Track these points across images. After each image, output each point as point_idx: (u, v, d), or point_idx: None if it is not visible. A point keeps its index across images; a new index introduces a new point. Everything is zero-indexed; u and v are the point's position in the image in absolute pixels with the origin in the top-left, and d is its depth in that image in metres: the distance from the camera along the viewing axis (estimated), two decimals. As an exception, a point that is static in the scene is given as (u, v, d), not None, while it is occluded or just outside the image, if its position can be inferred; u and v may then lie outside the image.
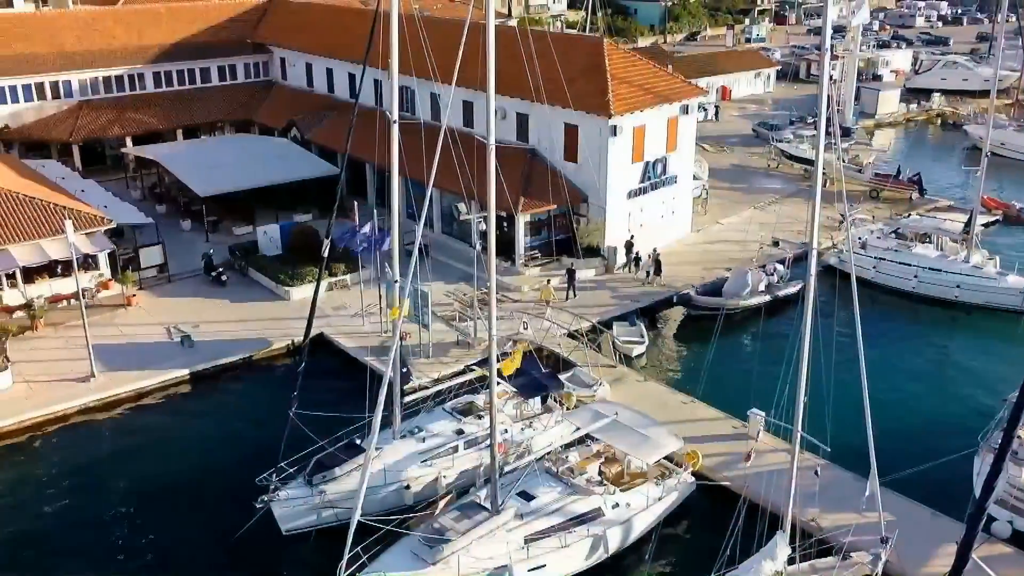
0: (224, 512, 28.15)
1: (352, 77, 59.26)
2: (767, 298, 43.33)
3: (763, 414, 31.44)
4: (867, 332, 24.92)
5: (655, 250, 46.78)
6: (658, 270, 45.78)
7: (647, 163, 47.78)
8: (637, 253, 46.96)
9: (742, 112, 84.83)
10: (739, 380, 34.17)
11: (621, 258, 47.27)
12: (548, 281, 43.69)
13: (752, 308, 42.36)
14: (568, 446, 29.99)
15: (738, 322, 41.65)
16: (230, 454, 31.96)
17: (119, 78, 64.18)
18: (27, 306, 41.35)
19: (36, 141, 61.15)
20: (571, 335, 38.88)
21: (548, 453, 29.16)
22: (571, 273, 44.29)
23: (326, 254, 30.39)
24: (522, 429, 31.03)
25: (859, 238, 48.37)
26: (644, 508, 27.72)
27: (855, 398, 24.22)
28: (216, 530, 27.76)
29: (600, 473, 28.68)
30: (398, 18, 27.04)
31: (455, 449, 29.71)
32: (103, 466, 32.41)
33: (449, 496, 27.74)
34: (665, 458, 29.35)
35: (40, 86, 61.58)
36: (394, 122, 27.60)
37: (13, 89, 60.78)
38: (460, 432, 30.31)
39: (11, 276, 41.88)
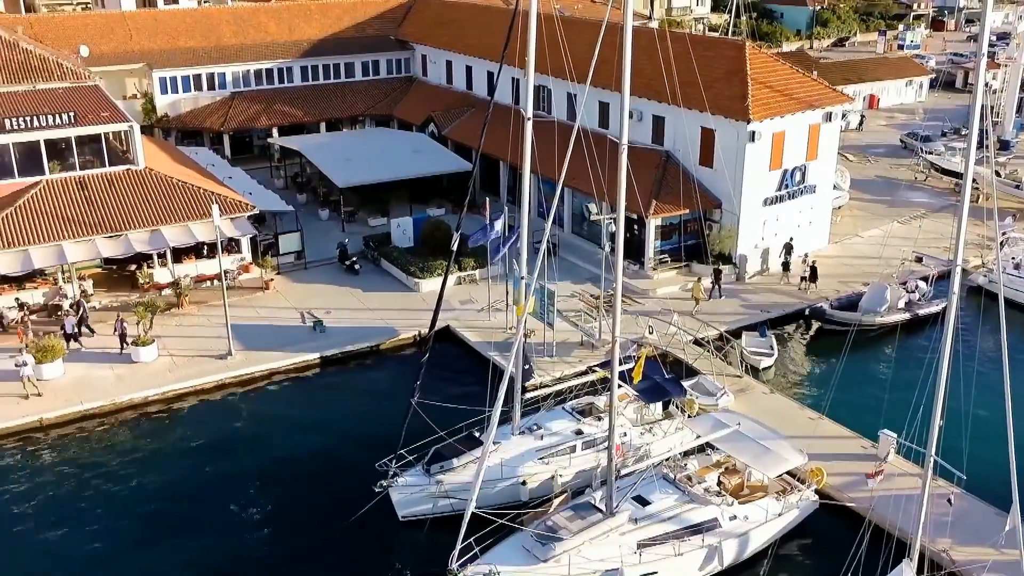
0: (343, 493, 28.97)
1: (491, 75, 59.94)
2: (906, 316, 41.50)
3: (895, 436, 30.17)
4: (1015, 357, 23.52)
5: (807, 255, 45.73)
6: (814, 277, 44.65)
7: (785, 171, 46.47)
8: (785, 258, 45.93)
9: (890, 122, 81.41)
10: (871, 399, 32.90)
11: (772, 264, 46.31)
12: (700, 279, 43.16)
13: (889, 326, 40.61)
14: (687, 454, 29.53)
15: (873, 339, 40.03)
16: (352, 437, 32.89)
17: (269, 71, 66.94)
18: (174, 284, 43.62)
19: (191, 129, 64.46)
20: (697, 342, 38.24)
21: (667, 459, 28.78)
22: (717, 273, 43.86)
23: (455, 248, 30.83)
24: (641, 433, 30.72)
25: (1012, 258, 45.73)
26: (762, 523, 26.99)
27: (997, 426, 22.93)
28: (334, 510, 28.59)
29: (719, 483, 28.09)
30: (536, 17, 27.12)
31: (573, 449, 29.70)
32: (234, 440, 33.94)
33: (564, 495, 27.70)
34: (788, 473, 28.52)
35: (197, 77, 64.86)
36: (528, 119, 27.72)
37: (173, 80, 64.23)
38: (579, 432, 30.27)
39: (162, 255, 44.35)
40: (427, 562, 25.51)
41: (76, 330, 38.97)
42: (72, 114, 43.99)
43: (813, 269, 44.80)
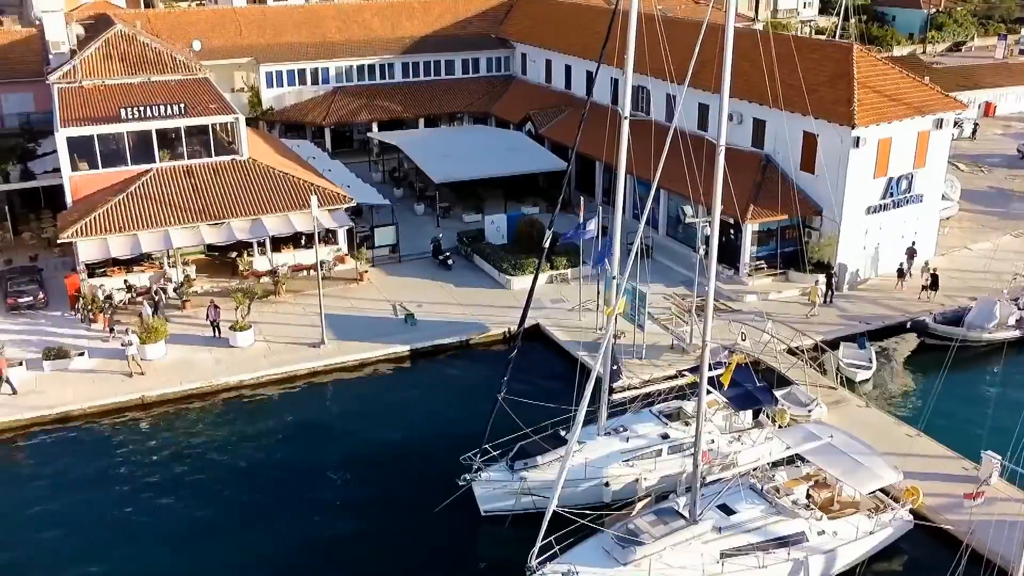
0: (427, 484, 29.28)
1: (589, 75, 59.67)
2: (1016, 333, 39.70)
3: (999, 458, 28.85)
4: None
5: (927, 263, 44.45)
6: (935, 285, 43.30)
7: (891, 178, 44.94)
8: (906, 264, 44.64)
9: (1007, 131, 77.96)
10: (973, 418, 31.62)
11: (879, 272, 45.17)
12: (816, 281, 42.26)
13: (997, 343, 38.87)
14: (776, 464, 28.85)
15: (979, 356, 38.41)
16: (438, 430, 33.19)
17: (371, 67, 68.10)
18: (272, 273, 44.76)
19: (294, 122, 66.07)
20: (791, 351, 37.32)
21: (754, 469, 28.17)
22: (830, 277, 42.90)
23: (547, 245, 30.80)
24: (729, 441, 30.14)
25: None
26: (852, 540, 26.17)
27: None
28: (417, 500, 28.93)
29: (808, 497, 27.35)
30: (636, 17, 26.85)
31: (658, 453, 29.36)
32: (324, 427, 34.66)
33: (647, 499, 27.39)
34: (881, 491, 27.58)
35: (302, 72, 66.45)
36: (625, 118, 27.50)
37: (279, 74, 65.96)
38: (665, 436, 29.90)
39: (261, 244, 45.55)
40: (506, 558, 25.51)
41: (155, 316, 39.59)
42: (182, 105, 45.55)
43: (934, 277, 43.31)
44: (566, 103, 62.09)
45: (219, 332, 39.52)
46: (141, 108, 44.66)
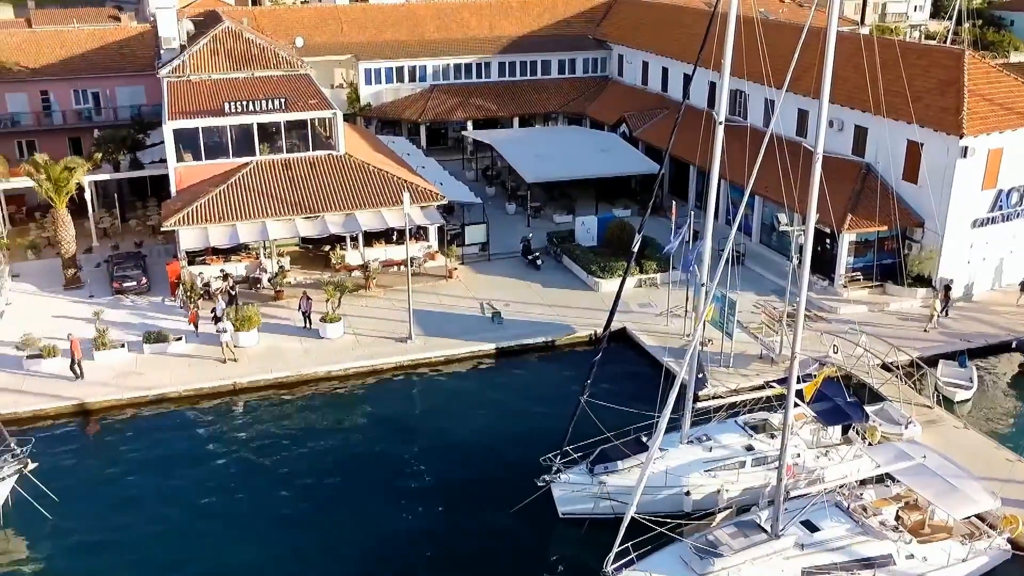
0: (506, 483, 29.33)
1: (687, 77, 58.86)
2: None
3: (1107, 488, 27.40)
4: None
5: None
6: None
7: (1000, 191, 43.08)
8: None
9: None
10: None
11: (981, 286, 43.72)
12: (937, 293, 41.07)
13: (1109, 366, 36.97)
14: (864, 483, 28.02)
15: (1089, 380, 36.60)
16: (519, 429, 33.24)
17: (468, 66, 68.65)
18: (364, 267, 45.50)
19: (391, 119, 67.10)
20: (885, 367, 36.12)
21: (841, 486, 27.37)
22: (947, 288, 41.51)
23: (636, 249, 30.48)
24: (816, 457, 29.35)
25: None
26: (943, 566, 25.17)
27: None
28: (495, 497, 29.02)
29: (897, 518, 26.42)
30: (735, 19, 26.35)
31: (742, 464, 28.77)
32: (407, 420, 35.13)
33: (728, 511, 26.89)
34: (977, 517, 26.46)
35: (400, 70, 67.43)
36: (720, 123, 27.01)
37: (377, 71, 67.11)
38: (750, 448, 29.29)
39: (354, 239, 46.37)
40: (582, 561, 25.41)
41: (224, 314, 39.64)
42: (283, 100, 46.71)
43: None
44: (662, 106, 61.47)
45: (310, 323, 40.35)
46: (244, 102, 45.99)
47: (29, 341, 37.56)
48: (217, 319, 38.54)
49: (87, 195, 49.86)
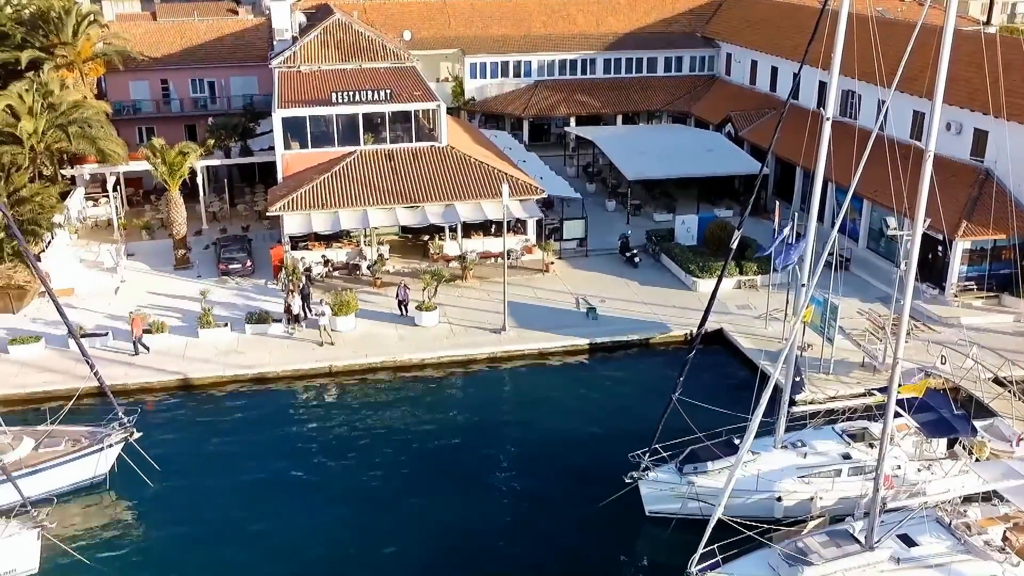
0: (593, 477, 29.13)
1: (796, 76, 57.44)
2: None
3: None
4: None
5: None
6: None
7: None
8: None
9: None
10: None
11: None
12: None
13: None
14: (969, 500, 26.79)
15: None
16: (609, 425, 33.01)
17: (573, 62, 68.49)
18: (461, 258, 45.85)
19: (494, 113, 67.50)
20: (998, 381, 34.45)
21: (944, 501, 26.22)
22: None
23: (734, 246, 29.81)
24: (918, 470, 28.19)
25: None
26: (1052, 591, 23.89)
27: None
28: (582, 492, 28.86)
29: (1004, 539, 25.13)
30: (847, 17, 25.48)
31: (838, 472, 27.90)
32: (497, 411, 35.31)
33: (821, 519, 26.10)
34: (1093, 543, 24.99)
35: (505, 64, 67.76)
36: (827, 119, 26.17)
37: (483, 66, 67.58)
38: (847, 457, 28.38)
39: (453, 229, 46.77)
40: (666, 561, 25.04)
41: (301, 311, 39.85)
42: (388, 92, 47.46)
43: None
44: (769, 105, 60.10)
45: (406, 311, 40.86)
46: (350, 93, 46.93)
47: (140, 316, 39.10)
48: (294, 317, 39.18)
49: (199, 179, 51.70)
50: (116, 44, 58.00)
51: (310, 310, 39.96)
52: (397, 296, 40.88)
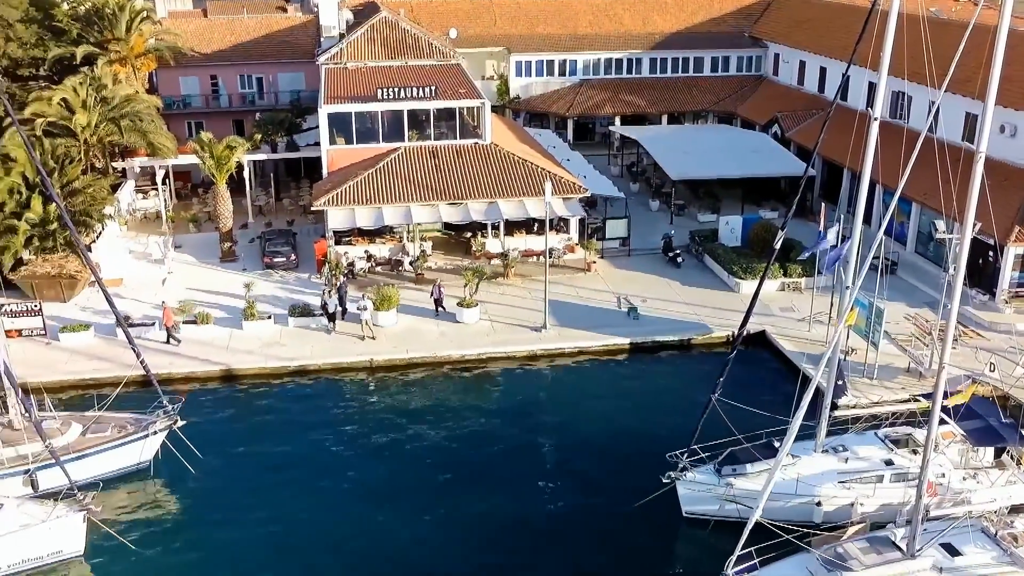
0: (630, 477, 29.03)
1: (845, 77, 56.64)
2: None
3: None
4: None
5: None
6: None
7: None
8: None
9: None
10: None
11: None
12: None
13: None
14: (1016, 510, 26.24)
15: None
16: (647, 424, 32.86)
17: (618, 61, 68.23)
18: (503, 255, 45.92)
19: (538, 112, 67.47)
20: (1049, 390, 33.72)
21: (990, 511, 25.72)
22: None
23: (778, 246, 29.48)
24: (963, 478, 27.73)
25: None
26: (1100, 606, 23.33)
27: None
28: (619, 491, 28.77)
29: (1052, 551, 24.64)
30: (897, 16, 25.07)
31: (880, 479, 27.52)
32: (536, 408, 35.27)
33: (861, 525, 25.71)
34: None
35: (550, 63, 67.73)
36: (875, 120, 25.80)
37: (528, 64, 67.62)
38: (889, 463, 27.98)
39: (495, 227, 46.84)
40: (703, 562, 24.84)
41: (338, 309, 39.75)
42: (433, 89, 47.66)
43: None
44: (817, 106, 59.34)
45: (443, 309, 40.90)
46: (396, 89, 47.22)
47: (186, 307, 39.79)
48: (330, 316, 39.37)
49: (246, 174, 52.38)
50: (167, 40, 58.96)
51: (346, 309, 40.21)
52: (432, 295, 40.98)
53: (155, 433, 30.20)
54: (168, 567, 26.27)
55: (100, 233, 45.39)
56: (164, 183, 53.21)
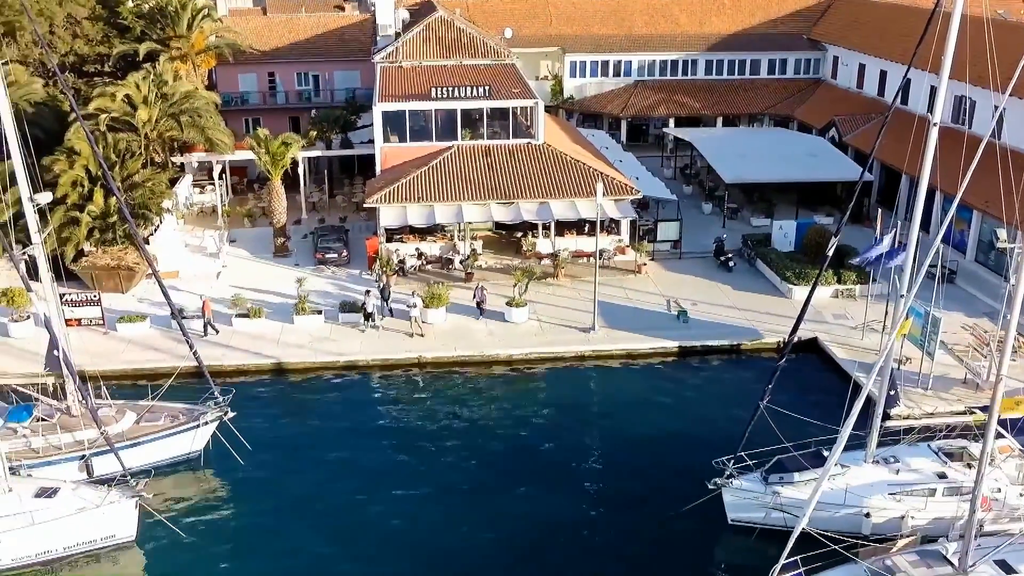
0: (675, 481, 28.83)
1: (909, 82, 55.61)
2: None
3: None
4: None
5: None
6: None
7: None
8: None
9: None
10: None
11: None
12: None
13: None
14: (1075, 527, 25.48)
15: None
16: (694, 429, 32.61)
17: (674, 62, 67.77)
18: (553, 256, 45.87)
19: (592, 113, 67.33)
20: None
21: (1049, 529, 25.08)
22: None
23: (831, 253, 29.00)
24: (1020, 494, 27.01)
25: None
26: None
27: None
28: (663, 496, 28.55)
29: (1111, 571, 23.90)
30: (961, 18, 24.50)
31: (932, 492, 26.94)
32: (582, 409, 35.25)
33: (912, 538, 25.18)
34: None
35: (605, 64, 67.54)
36: (934, 125, 25.25)
37: (583, 65, 67.52)
38: (942, 476, 27.38)
39: (546, 227, 46.81)
40: (746, 570, 24.61)
41: (375, 307, 39.75)
42: (487, 88, 47.79)
43: None
44: (876, 110, 58.28)
45: (483, 312, 40.72)
46: (450, 88, 47.45)
47: (238, 301, 40.42)
48: (368, 315, 39.53)
49: (300, 170, 53.04)
50: (227, 37, 59.97)
51: (390, 311, 40.32)
52: (475, 297, 40.98)
53: (206, 424, 30.74)
54: (215, 555, 26.71)
55: (158, 226, 46.31)
56: (221, 178, 54.13)
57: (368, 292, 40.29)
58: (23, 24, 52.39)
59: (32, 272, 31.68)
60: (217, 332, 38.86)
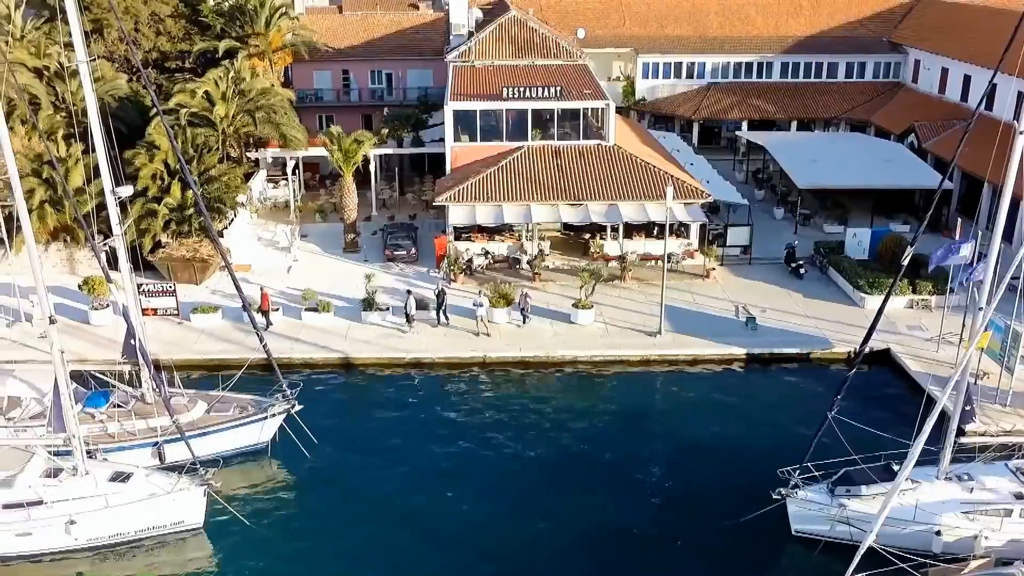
0: (738, 490, 28.44)
1: (994, 87, 53.85)
2: None
3: None
4: None
5: None
6: None
7: None
8: None
9: None
10: None
11: None
12: None
13: None
14: None
15: None
16: (759, 438, 32.14)
17: (748, 64, 66.81)
18: (621, 258, 45.61)
19: (663, 114, 66.75)
20: None
21: None
22: None
23: (906, 263, 28.27)
24: (1103, 518, 26.02)
25: None
26: None
27: None
28: (726, 504, 28.16)
29: None
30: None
31: (1008, 512, 26.08)
32: (647, 414, 35.02)
33: (985, 560, 24.45)
34: None
35: (678, 65, 66.91)
36: (1020, 132, 24.46)
37: (656, 66, 67.00)
38: (1020, 496, 26.50)
39: (614, 229, 46.59)
40: (811, 584, 24.21)
41: (439, 313, 39.89)
42: (558, 89, 47.75)
43: None
44: (959, 116, 56.62)
45: (528, 318, 40.13)
46: (521, 88, 47.56)
47: (308, 295, 41.06)
48: (409, 318, 39.46)
49: (372, 167, 53.68)
50: (303, 35, 60.98)
51: (446, 317, 40.14)
52: (519, 304, 40.44)
53: (273, 416, 31.30)
54: (279, 545, 27.18)
55: (232, 220, 47.30)
56: (294, 174, 55.06)
57: (409, 292, 40.29)
58: (110, 22, 54.03)
59: (112, 262, 32.64)
60: (271, 324, 39.28)
